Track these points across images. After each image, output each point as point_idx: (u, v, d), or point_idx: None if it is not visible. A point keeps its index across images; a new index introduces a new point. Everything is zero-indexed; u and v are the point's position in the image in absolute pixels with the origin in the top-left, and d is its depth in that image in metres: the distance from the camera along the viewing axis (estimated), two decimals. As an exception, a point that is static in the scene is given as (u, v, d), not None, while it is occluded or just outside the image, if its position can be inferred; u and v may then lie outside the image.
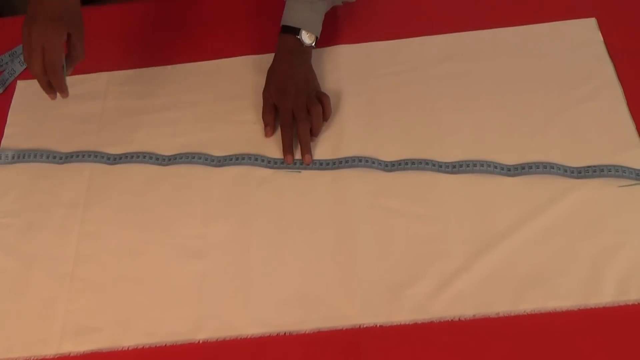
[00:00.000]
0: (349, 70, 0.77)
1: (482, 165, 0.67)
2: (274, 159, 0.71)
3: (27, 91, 0.81)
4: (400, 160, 0.68)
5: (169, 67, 0.81)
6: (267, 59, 0.79)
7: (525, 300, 0.58)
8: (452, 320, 0.58)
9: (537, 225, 0.62)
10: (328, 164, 0.69)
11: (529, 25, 0.78)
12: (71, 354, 0.60)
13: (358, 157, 0.69)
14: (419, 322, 0.58)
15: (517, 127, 0.70)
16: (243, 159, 0.71)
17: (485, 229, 0.63)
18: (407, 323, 0.58)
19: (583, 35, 0.76)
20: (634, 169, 0.65)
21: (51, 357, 0.60)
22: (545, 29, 0.77)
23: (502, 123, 0.71)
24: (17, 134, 0.77)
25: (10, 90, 0.81)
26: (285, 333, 0.59)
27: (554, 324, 0.57)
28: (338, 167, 0.69)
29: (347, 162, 0.69)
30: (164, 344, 0.60)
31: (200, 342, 0.60)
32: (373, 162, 0.68)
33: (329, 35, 0.80)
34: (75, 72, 0.81)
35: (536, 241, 0.62)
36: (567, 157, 0.67)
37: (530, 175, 0.66)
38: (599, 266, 0.60)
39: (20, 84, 0.81)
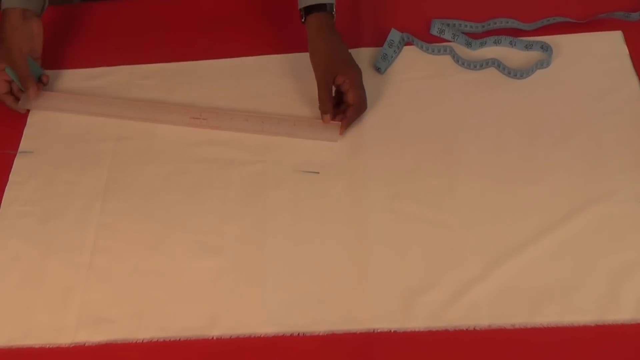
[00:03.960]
0: (370, 73, 0.77)
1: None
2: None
3: (51, 80, 0.81)
4: None
5: (192, 63, 0.82)
6: (291, 58, 0.79)
7: (542, 313, 0.58)
8: (467, 329, 0.58)
9: (555, 237, 0.62)
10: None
11: (555, 36, 0.77)
12: (86, 344, 0.61)
13: None
14: (434, 330, 0.58)
15: (537, 137, 0.70)
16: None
17: (503, 239, 0.63)
18: (421, 330, 0.58)
19: (609, 48, 0.76)
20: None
21: (67, 345, 0.61)
22: (571, 40, 0.77)
23: (523, 132, 0.70)
24: (39, 123, 0.78)
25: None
26: (298, 334, 0.59)
27: (570, 339, 0.57)
28: None
29: None
30: (178, 339, 0.60)
31: (214, 338, 0.60)
32: None
33: (351, 38, 0.80)
34: (98, 65, 0.83)
35: (554, 254, 0.61)
36: (588, 169, 0.66)
37: (550, 187, 0.65)
38: (618, 282, 0.59)
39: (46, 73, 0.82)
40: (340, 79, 0.71)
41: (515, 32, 0.79)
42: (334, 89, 0.72)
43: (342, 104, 0.73)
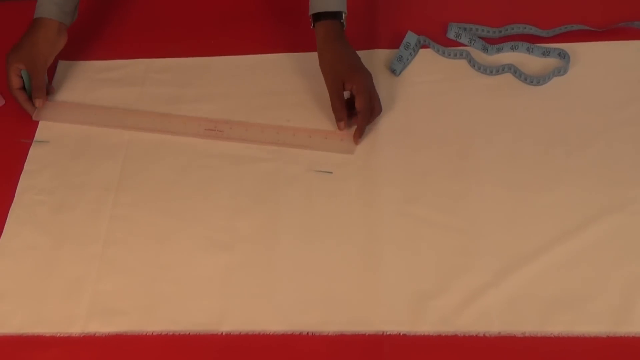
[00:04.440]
0: (385, 75, 0.77)
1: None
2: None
3: (67, 71, 0.82)
4: None
5: (207, 58, 0.82)
6: (305, 57, 0.79)
7: (553, 322, 0.58)
8: (476, 335, 0.58)
9: (569, 246, 0.62)
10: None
11: (573, 43, 0.77)
12: (96, 334, 0.61)
13: None
14: (443, 335, 0.58)
15: (553, 145, 0.70)
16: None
17: (516, 246, 0.63)
18: (431, 334, 0.58)
19: (628, 58, 0.76)
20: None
21: (77, 335, 0.61)
22: (589, 48, 0.77)
23: (538, 139, 0.70)
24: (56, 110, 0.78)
25: (51, 68, 0.82)
26: (307, 333, 0.60)
27: (581, 349, 0.57)
28: None
29: None
30: (187, 333, 0.61)
31: (223, 334, 0.61)
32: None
33: (367, 39, 0.80)
34: (114, 57, 0.84)
35: (567, 263, 0.61)
36: (603, 179, 0.66)
37: (564, 196, 0.65)
38: (631, 294, 0.59)
39: (61, 63, 0.83)
40: (348, 85, 0.70)
41: (533, 39, 0.79)
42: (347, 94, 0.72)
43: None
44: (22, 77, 0.75)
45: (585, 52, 0.76)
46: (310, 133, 0.72)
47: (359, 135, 0.71)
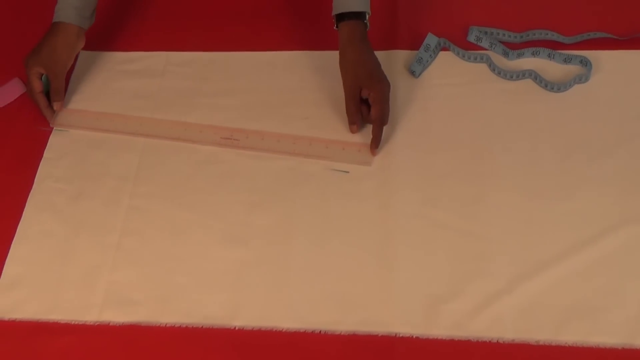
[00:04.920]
0: (404, 76, 0.77)
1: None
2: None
3: (89, 61, 0.83)
4: None
5: (227, 53, 0.82)
6: (324, 55, 0.79)
7: (568, 332, 0.58)
8: (489, 341, 0.58)
9: (585, 256, 0.62)
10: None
11: (595, 51, 0.77)
12: (110, 323, 0.62)
13: None
14: (456, 339, 0.58)
15: (572, 153, 0.69)
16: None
17: (532, 253, 0.62)
18: (443, 338, 0.58)
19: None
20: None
21: (91, 323, 0.62)
22: (612, 56, 0.76)
23: (557, 146, 0.70)
24: (77, 101, 0.79)
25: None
26: (320, 331, 0.60)
27: (595, 359, 0.56)
28: None
29: None
30: (200, 326, 0.61)
31: (236, 328, 0.61)
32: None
33: (387, 39, 0.80)
34: (135, 49, 0.84)
35: (584, 272, 0.61)
36: (622, 189, 0.66)
37: (583, 204, 0.65)
38: (648, 306, 0.59)
39: (83, 54, 0.83)
40: (365, 92, 0.70)
41: (554, 45, 0.79)
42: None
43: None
44: (42, 80, 0.75)
45: (607, 60, 0.76)
46: (327, 143, 0.72)
47: (375, 146, 0.70)
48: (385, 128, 0.71)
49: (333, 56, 0.75)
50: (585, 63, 0.76)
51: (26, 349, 0.61)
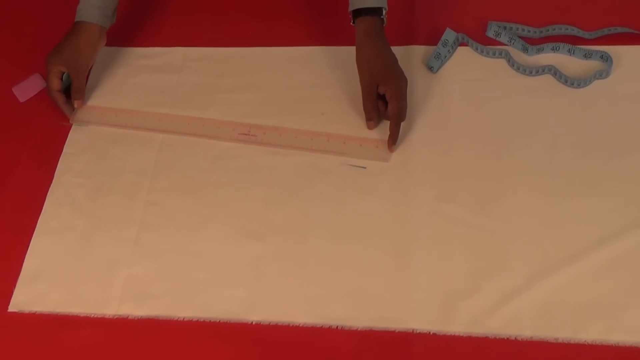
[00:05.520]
0: (422, 72, 0.77)
1: None
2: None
3: (108, 56, 0.83)
4: None
5: (244, 49, 0.83)
6: (341, 51, 0.79)
7: (587, 330, 0.57)
8: (507, 338, 0.57)
9: (604, 253, 0.61)
10: None
11: (616, 46, 0.75)
12: (129, 317, 0.63)
13: None
14: (474, 336, 0.58)
15: (592, 150, 0.68)
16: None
17: (550, 250, 0.62)
18: (461, 335, 0.58)
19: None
20: None
21: (110, 316, 0.63)
22: (634, 52, 0.75)
23: (576, 143, 0.69)
24: (96, 97, 0.80)
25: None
26: (337, 327, 0.60)
27: (615, 358, 0.56)
28: None
29: None
30: (217, 320, 0.62)
31: (253, 323, 0.61)
32: None
33: (405, 35, 0.80)
34: (154, 44, 0.85)
35: (603, 270, 0.60)
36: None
37: (602, 202, 0.64)
38: (669, 305, 0.58)
39: (102, 49, 0.84)
40: (382, 88, 0.70)
41: (575, 40, 0.78)
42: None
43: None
44: (62, 79, 0.76)
45: (628, 56, 0.75)
46: (345, 139, 0.72)
47: (392, 142, 0.70)
48: (402, 124, 0.70)
49: (350, 52, 0.75)
50: (605, 58, 0.75)
51: (46, 341, 0.62)
